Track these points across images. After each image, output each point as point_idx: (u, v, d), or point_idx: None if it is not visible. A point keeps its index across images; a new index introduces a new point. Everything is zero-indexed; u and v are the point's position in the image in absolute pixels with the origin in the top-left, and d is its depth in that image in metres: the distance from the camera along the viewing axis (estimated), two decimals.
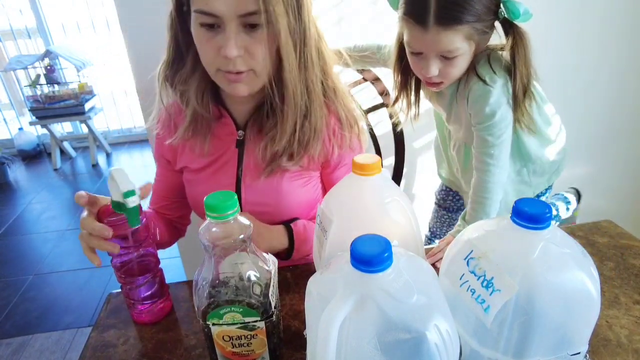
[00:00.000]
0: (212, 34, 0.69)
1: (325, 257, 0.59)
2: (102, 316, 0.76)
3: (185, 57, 0.78)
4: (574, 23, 1.49)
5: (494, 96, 0.94)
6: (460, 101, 1.02)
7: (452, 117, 1.08)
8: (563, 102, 1.61)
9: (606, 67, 1.59)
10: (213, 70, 0.74)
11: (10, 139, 3.90)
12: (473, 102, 0.96)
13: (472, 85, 0.96)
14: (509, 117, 0.97)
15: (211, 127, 0.83)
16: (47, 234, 2.66)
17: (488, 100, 0.94)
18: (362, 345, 0.39)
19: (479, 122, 0.97)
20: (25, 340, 1.86)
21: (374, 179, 0.56)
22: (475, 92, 0.96)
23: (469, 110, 0.99)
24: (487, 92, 0.94)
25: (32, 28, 3.68)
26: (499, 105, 0.95)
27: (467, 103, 0.98)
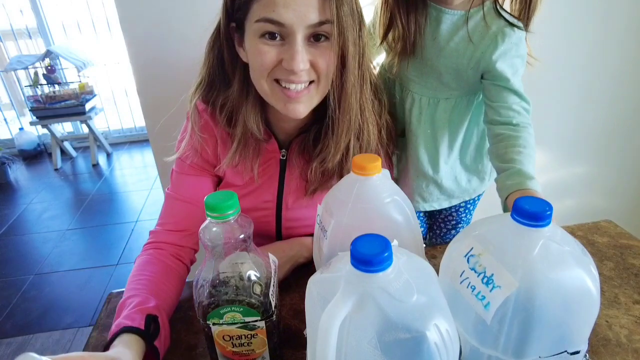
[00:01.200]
0: (274, 47, 0.65)
1: (325, 257, 0.60)
2: (103, 316, 0.77)
3: (232, 78, 0.74)
4: (573, 22, 1.49)
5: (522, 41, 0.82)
6: (459, 38, 0.84)
7: (432, 59, 0.87)
8: (562, 101, 1.62)
9: (606, 67, 1.59)
10: (267, 84, 0.69)
11: (10, 139, 3.90)
12: (498, 45, 0.80)
13: (493, 22, 0.81)
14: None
15: (261, 149, 0.79)
16: (47, 234, 2.66)
17: (521, 48, 0.82)
18: (362, 345, 0.39)
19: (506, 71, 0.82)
20: (25, 340, 1.86)
21: (374, 179, 0.56)
22: (504, 33, 0.80)
23: (484, 50, 0.82)
24: (518, 37, 0.81)
25: (32, 28, 3.69)
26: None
27: (476, 44, 0.82)
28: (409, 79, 0.91)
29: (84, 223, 2.77)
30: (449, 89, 0.89)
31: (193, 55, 0.80)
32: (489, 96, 0.85)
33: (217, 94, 0.76)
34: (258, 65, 0.67)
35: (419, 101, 0.92)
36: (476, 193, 1.06)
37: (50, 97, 3.35)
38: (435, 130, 0.93)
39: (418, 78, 0.90)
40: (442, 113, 0.91)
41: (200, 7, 1.23)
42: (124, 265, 2.32)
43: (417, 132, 0.94)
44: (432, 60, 0.86)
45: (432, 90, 0.90)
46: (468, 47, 0.82)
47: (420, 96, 0.91)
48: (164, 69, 1.32)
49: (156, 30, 1.27)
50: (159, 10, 1.25)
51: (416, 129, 0.94)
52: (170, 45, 1.29)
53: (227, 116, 0.76)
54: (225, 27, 0.71)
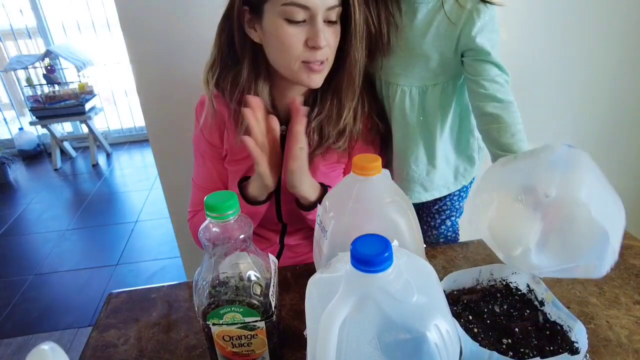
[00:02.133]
0: (299, 29, 0.73)
1: (325, 257, 0.60)
2: (103, 316, 0.76)
3: (242, 59, 0.80)
4: (573, 21, 1.49)
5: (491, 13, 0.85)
6: (439, 22, 0.86)
7: (416, 48, 0.89)
8: (562, 101, 1.61)
9: (606, 66, 1.59)
10: (297, 64, 0.76)
11: (10, 139, 3.90)
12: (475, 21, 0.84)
13: (466, 1, 0.84)
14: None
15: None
16: (47, 234, 2.66)
17: (496, 23, 0.86)
18: (362, 345, 0.39)
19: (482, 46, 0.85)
20: (25, 340, 1.86)
21: (374, 179, 0.56)
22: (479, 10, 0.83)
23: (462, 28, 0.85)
24: (492, 12, 0.85)
25: (32, 28, 3.68)
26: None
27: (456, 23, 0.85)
28: (395, 74, 0.94)
29: (84, 223, 2.77)
30: (435, 75, 0.92)
31: (193, 55, 0.80)
32: (471, 72, 0.88)
33: (227, 73, 0.82)
34: (287, 46, 0.75)
35: (409, 93, 0.95)
36: (470, 176, 1.08)
37: (50, 97, 3.35)
38: (427, 118, 0.97)
39: (404, 70, 0.93)
40: (432, 100, 0.95)
41: (200, 7, 1.23)
42: (124, 266, 2.32)
43: (411, 122, 0.96)
44: (416, 49, 0.89)
45: (419, 79, 0.93)
46: (449, 28, 0.86)
47: (410, 87, 0.94)
48: (164, 69, 1.32)
49: (156, 30, 1.27)
50: (159, 10, 1.25)
51: (410, 119, 0.96)
52: (170, 45, 1.29)
53: (239, 94, 0.81)
54: (239, 9, 0.76)
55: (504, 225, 0.61)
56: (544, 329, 0.57)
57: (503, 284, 0.65)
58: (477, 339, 0.54)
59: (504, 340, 0.55)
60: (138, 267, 2.31)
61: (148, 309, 0.77)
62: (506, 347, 0.54)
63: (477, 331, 0.56)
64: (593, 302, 0.72)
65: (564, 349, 0.54)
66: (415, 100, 0.95)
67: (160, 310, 0.76)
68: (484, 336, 0.56)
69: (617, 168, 1.78)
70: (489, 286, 0.65)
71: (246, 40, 0.79)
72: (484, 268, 0.64)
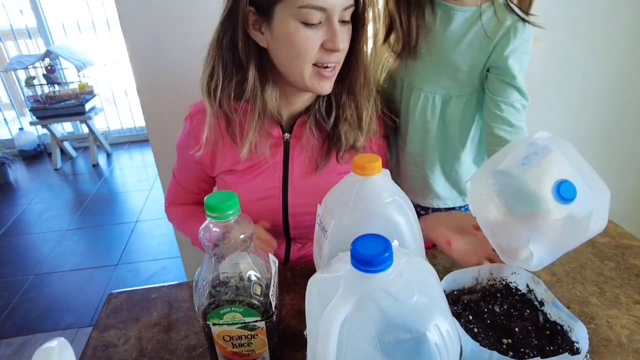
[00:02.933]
0: (315, 31, 0.70)
1: (325, 257, 0.60)
2: (103, 316, 0.76)
3: (247, 63, 0.75)
4: (573, 21, 1.49)
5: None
6: (474, 34, 0.84)
7: (447, 57, 0.88)
8: (562, 102, 1.61)
9: (605, 67, 1.59)
10: (308, 68, 0.73)
11: (10, 139, 3.90)
12: (510, 40, 0.82)
13: (506, 17, 0.81)
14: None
15: (270, 131, 0.83)
16: (47, 234, 2.66)
17: (530, 44, 0.84)
18: (363, 345, 0.38)
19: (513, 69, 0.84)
20: (25, 340, 1.86)
21: (374, 179, 0.56)
22: (517, 29, 0.81)
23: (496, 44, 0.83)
24: (529, 33, 0.82)
25: (32, 28, 3.69)
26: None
27: (492, 38, 0.82)
28: (421, 79, 0.92)
29: (84, 223, 2.77)
30: (461, 86, 0.90)
31: (193, 55, 0.80)
32: (492, 90, 0.87)
33: (230, 79, 0.77)
34: (301, 50, 0.71)
35: (432, 100, 0.92)
36: None
37: (50, 97, 3.35)
38: (447, 127, 0.94)
39: (430, 77, 0.90)
40: (455, 110, 0.92)
41: (200, 7, 1.23)
42: (124, 266, 2.32)
43: (431, 129, 0.94)
44: (446, 58, 0.87)
45: (444, 88, 0.91)
46: (483, 42, 0.84)
47: (434, 94, 0.92)
48: (164, 69, 1.32)
49: (156, 30, 1.27)
50: (159, 10, 1.25)
51: (430, 126, 0.94)
52: (170, 45, 1.29)
53: (244, 104, 0.78)
54: (244, 10, 0.70)
55: (509, 231, 0.61)
56: (544, 329, 0.57)
57: (503, 284, 0.65)
58: (477, 339, 0.54)
59: (504, 340, 0.55)
60: (138, 267, 2.31)
61: (148, 309, 0.77)
62: (506, 347, 0.54)
63: (477, 331, 0.56)
64: (593, 302, 0.72)
65: (564, 349, 0.54)
66: (437, 108, 0.93)
67: (161, 310, 0.76)
68: (484, 336, 0.56)
69: (618, 168, 1.78)
70: (489, 286, 0.65)
71: (250, 44, 0.74)
72: (483, 268, 0.64)
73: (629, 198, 1.83)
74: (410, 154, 0.99)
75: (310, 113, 0.84)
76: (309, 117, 0.84)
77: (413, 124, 0.96)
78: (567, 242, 0.57)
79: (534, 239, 0.57)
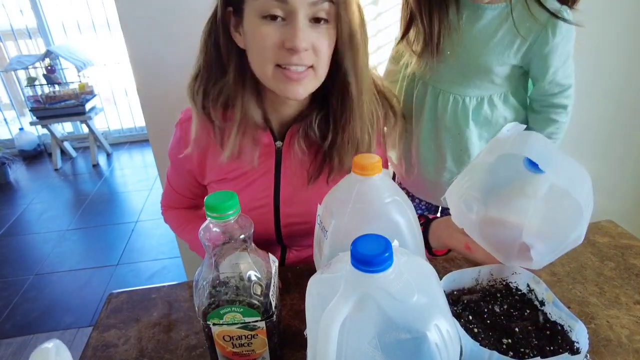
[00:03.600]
0: (275, 27, 0.65)
1: (325, 257, 0.59)
2: (103, 316, 0.76)
3: (228, 65, 0.72)
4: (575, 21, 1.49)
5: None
6: (505, 31, 0.80)
7: (476, 57, 0.83)
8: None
9: (607, 67, 1.59)
10: (271, 68, 0.68)
11: (11, 139, 3.90)
12: (551, 39, 0.78)
13: (539, 13, 0.77)
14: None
15: (259, 138, 0.78)
16: (47, 234, 2.66)
17: (570, 42, 0.80)
18: (363, 345, 0.39)
19: (558, 66, 0.81)
20: (26, 340, 1.86)
21: (374, 179, 0.56)
22: (554, 26, 0.78)
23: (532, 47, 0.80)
24: (569, 30, 0.79)
25: (32, 28, 3.68)
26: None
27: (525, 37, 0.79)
28: (449, 81, 0.87)
29: (84, 223, 2.77)
30: (496, 86, 0.87)
31: (193, 55, 0.79)
32: (535, 93, 0.86)
33: (214, 83, 0.74)
34: (260, 48, 0.67)
35: (462, 102, 0.88)
36: None
37: (50, 97, 3.35)
38: (482, 128, 0.92)
39: (459, 79, 0.87)
40: (491, 111, 0.89)
41: (200, 7, 1.23)
42: (124, 266, 2.32)
43: (464, 131, 0.91)
44: (476, 59, 0.83)
45: (474, 89, 0.87)
46: (515, 40, 0.80)
47: (464, 97, 0.88)
48: (164, 69, 1.32)
49: (156, 30, 1.27)
50: (159, 10, 1.25)
51: (464, 129, 0.90)
52: (170, 45, 1.29)
53: (222, 107, 0.75)
54: (222, 11, 0.69)
55: (496, 227, 0.61)
56: (544, 328, 0.57)
57: (503, 284, 0.65)
58: (477, 339, 0.54)
59: (504, 340, 0.55)
60: (138, 267, 2.31)
61: (148, 309, 0.77)
62: (506, 347, 0.54)
63: (477, 331, 0.56)
64: (593, 302, 0.72)
65: (564, 349, 0.54)
66: (468, 111, 0.88)
67: (161, 310, 0.76)
68: (484, 336, 0.56)
69: (618, 168, 1.78)
70: (489, 286, 0.65)
71: (233, 46, 0.71)
72: (483, 268, 0.64)
73: (629, 198, 1.83)
74: (445, 161, 0.94)
75: (301, 124, 0.79)
76: (300, 129, 0.79)
77: (445, 129, 0.91)
78: (563, 228, 0.56)
79: (526, 231, 0.57)
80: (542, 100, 0.87)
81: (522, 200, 0.57)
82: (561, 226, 0.56)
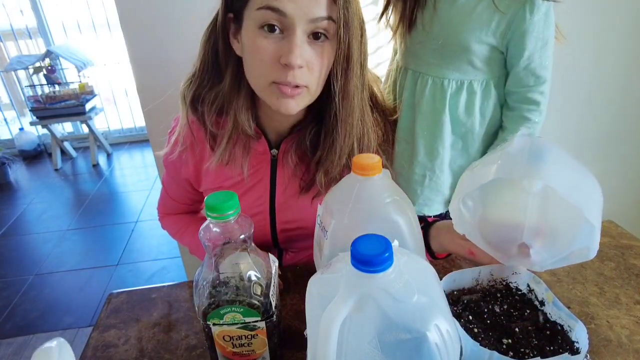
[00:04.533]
0: (272, 40, 0.63)
1: (325, 257, 0.59)
2: (103, 316, 0.76)
3: (224, 71, 0.72)
4: (574, 21, 1.49)
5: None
6: (483, 8, 0.79)
7: (450, 35, 0.83)
8: (563, 102, 1.61)
9: (607, 68, 1.59)
10: (265, 83, 0.67)
11: (11, 139, 3.90)
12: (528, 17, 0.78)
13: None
14: None
15: (250, 147, 0.78)
16: (47, 234, 2.66)
17: (550, 29, 0.80)
18: (363, 345, 0.39)
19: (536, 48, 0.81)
20: (26, 340, 1.86)
21: (374, 179, 0.56)
22: (532, 4, 0.78)
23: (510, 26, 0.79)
24: (548, 13, 0.79)
25: (32, 28, 3.69)
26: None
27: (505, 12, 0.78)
28: (429, 63, 0.86)
29: (84, 223, 2.77)
30: (475, 70, 0.85)
31: (193, 55, 0.79)
32: (509, 83, 0.85)
33: (210, 88, 0.74)
34: (256, 61, 0.66)
35: (440, 85, 0.86)
36: None
37: (51, 97, 3.35)
38: (461, 119, 0.90)
39: (439, 60, 0.85)
40: (471, 99, 0.88)
41: (200, 7, 1.23)
42: (124, 266, 2.32)
43: (440, 117, 0.89)
44: (455, 37, 0.82)
45: (455, 72, 0.85)
46: (494, 16, 0.79)
47: (442, 79, 0.86)
48: (164, 69, 1.32)
49: (156, 30, 1.27)
50: (159, 10, 1.25)
51: (440, 114, 0.88)
52: (170, 45, 1.29)
53: (216, 113, 0.75)
54: (223, 17, 0.69)
55: (494, 226, 0.60)
56: (544, 329, 0.57)
57: (503, 284, 0.65)
58: (477, 339, 0.54)
59: (504, 340, 0.55)
60: (138, 267, 2.31)
61: (148, 309, 0.77)
62: (506, 347, 0.54)
63: (477, 331, 0.56)
64: (593, 302, 0.72)
65: (565, 349, 0.54)
66: (446, 95, 0.86)
67: (161, 310, 0.76)
68: (484, 336, 0.56)
69: (618, 169, 1.78)
70: (489, 286, 0.65)
71: (231, 53, 0.71)
72: (483, 268, 0.64)
73: (630, 198, 1.83)
74: (418, 153, 0.93)
75: (296, 135, 0.78)
76: (294, 141, 0.78)
77: (421, 115, 0.89)
78: (564, 230, 0.55)
79: (525, 228, 0.57)
80: (516, 93, 0.86)
81: (519, 195, 0.56)
82: (561, 227, 0.56)
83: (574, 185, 0.51)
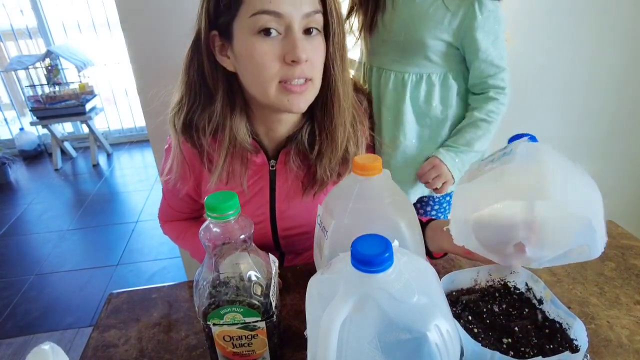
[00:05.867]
0: (271, 43, 0.64)
1: (325, 257, 0.59)
2: (103, 316, 0.76)
3: (215, 91, 0.72)
4: (573, 21, 1.49)
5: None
6: (436, 7, 0.86)
7: (409, 34, 0.89)
8: (563, 101, 1.61)
9: (606, 68, 1.59)
10: (273, 86, 0.67)
11: (11, 139, 3.90)
12: (478, 14, 0.84)
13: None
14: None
15: (248, 162, 0.78)
16: (48, 234, 2.66)
17: (500, 24, 0.86)
18: (363, 345, 0.39)
19: (488, 45, 0.87)
20: (26, 340, 1.86)
21: (374, 179, 0.56)
22: (480, 3, 0.84)
23: (463, 23, 0.85)
24: (495, 10, 0.86)
25: (33, 28, 3.69)
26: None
27: (455, 12, 0.85)
28: (391, 60, 0.92)
29: (84, 223, 2.77)
30: (433, 64, 0.91)
31: None
32: (472, 76, 0.91)
33: (201, 111, 0.74)
34: (260, 66, 0.66)
35: (401, 79, 0.93)
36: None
37: (51, 97, 3.35)
38: (423, 111, 0.96)
39: (400, 57, 0.92)
40: (429, 89, 0.94)
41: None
42: (124, 266, 2.32)
43: (402, 108, 0.95)
44: (414, 34, 0.88)
45: (415, 67, 0.92)
46: (446, 15, 0.85)
47: (403, 74, 0.93)
48: (164, 69, 1.32)
49: (156, 30, 1.27)
50: (159, 10, 1.25)
51: (401, 105, 0.95)
52: (170, 45, 1.29)
53: (212, 134, 0.74)
54: (206, 36, 0.68)
55: (490, 228, 0.60)
56: (543, 327, 0.57)
57: (501, 284, 0.64)
58: (477, 339, 0.54)
59: (504, 340, 0.55)
60: (138, 267, 2.31)
61: (148, 309, 0.77)
62: (506, 346, 0.54)
63: (477, 331, 0.56)
64: (594, 302, 0.72)
65: (564, 347, 0.54)
66: (407, 87, 0.93)
67: (161, 310, 0.76)
68: (484, 336, 0.56)
69: (618, 168, 1.78)
70: (487, 286, 0.65)
71: (219, 70, 0.71)
72: (482, 268, 0.64)
73: (630, 198, 1.83)
74: (383, 143, 0.98)
75: (292, 144, 0.79)
76: (292, 149, 0.79)
77: (385, 109, 0.96)
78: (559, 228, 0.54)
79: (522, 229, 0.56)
80: (481, 84, 0.93)
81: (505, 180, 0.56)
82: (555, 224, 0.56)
83: (585, 200, 0.51)
